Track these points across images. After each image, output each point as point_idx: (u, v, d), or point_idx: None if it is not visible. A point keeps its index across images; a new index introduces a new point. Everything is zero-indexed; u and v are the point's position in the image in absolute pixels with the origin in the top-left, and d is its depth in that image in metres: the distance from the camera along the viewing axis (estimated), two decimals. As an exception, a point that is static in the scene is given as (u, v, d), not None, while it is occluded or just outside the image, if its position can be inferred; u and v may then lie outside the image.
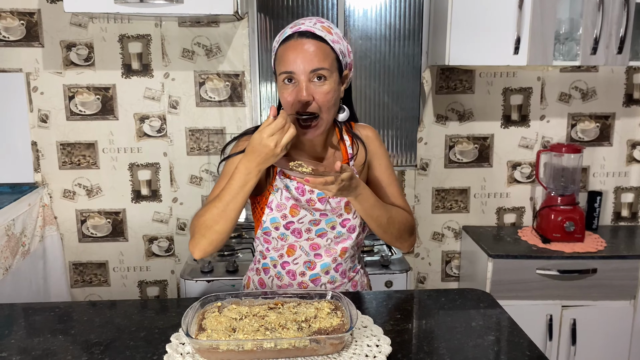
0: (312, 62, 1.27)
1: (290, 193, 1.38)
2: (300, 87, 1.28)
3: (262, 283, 1.49)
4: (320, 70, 1.27)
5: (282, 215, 1.38)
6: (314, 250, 1.42)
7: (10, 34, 2.42)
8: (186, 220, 2.64)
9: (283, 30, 1.34)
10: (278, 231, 1.39)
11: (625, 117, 2.65)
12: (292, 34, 1.30)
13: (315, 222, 1.39)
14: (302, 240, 1.41)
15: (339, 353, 1.12)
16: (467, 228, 2.69)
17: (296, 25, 1.31)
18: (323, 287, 1.43)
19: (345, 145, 1.45)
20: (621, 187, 2.72)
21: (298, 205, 1.38)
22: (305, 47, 1.27)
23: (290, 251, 1.42)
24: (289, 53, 1.28)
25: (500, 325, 1.30)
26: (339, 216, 1.41)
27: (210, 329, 1.13)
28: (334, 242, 1.42)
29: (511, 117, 2.63)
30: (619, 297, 2.34)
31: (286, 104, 1.30)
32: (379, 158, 1.47)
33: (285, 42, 1.30)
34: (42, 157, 2.53)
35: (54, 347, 1.19)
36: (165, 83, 2.50)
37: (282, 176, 1.40)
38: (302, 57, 1.27)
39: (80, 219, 2.61)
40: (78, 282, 2.68)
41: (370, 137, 1.47)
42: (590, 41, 2.19)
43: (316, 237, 1.41)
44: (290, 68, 1.27)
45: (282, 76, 1.29)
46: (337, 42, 1.32)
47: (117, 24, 2.44)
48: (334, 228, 1.41)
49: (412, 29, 2.49)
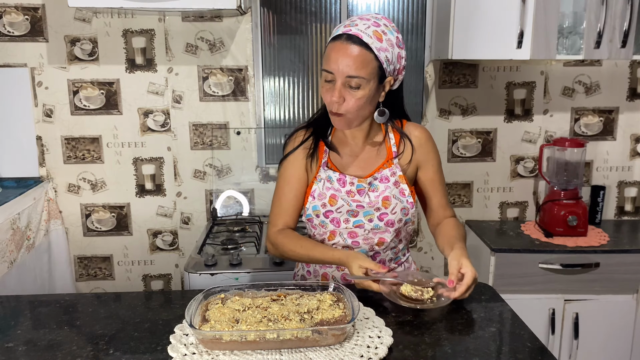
0: (350, 69, 1.30)
1: (331, 184, 1.45)
2: (335, 88, 1.33)
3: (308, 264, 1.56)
4: (356, 78, 1.31)
5: (322, 204, 1.45)
6: (352, 238, 1.47)
7: (15, 29, 2.43)
8: (190, 215, 2.65)
9: (339, 25, 1.37)
10: (318, 219, 1.47)
11: (629, 111, 2.65)
12: (342, 35, 1.32)
13: (353, 213, 1.45)
14: (341, 228, 1.47)
15: (340, 344, 1.13)
16: (470, 222, 2.69)
17: (350, 25, 1.33)
18: None
19: (390, 143, 1.49)
20: (624, 181, 2.72)
21: (337, 195, 1.44)
22: (348, 52, 1.30)
23: (332, 236, 1.49)
24: (333, 53, 1.32)
25: (501, 318, 1.31)
26: (376, 210, 1.45)
27: (213, 320, 1.15)
28: (372, 232, 1.46)
29: (514, 112, 2.63)
30: (621, 291, 2.34)
31: (324, 97, 1.38)
32: (431, 160, 1.52)
33: (334, 40, 1.34)
34: (47, 151, 2.55)
35: (59, 338, 1.20)
36: (168, 78, 2.51)
37: (326, 167, 1.47)
38: (342, 61, 1.30)
39: (85, 213, 2.63)
40: (83, 276, 2.70)
41: (421, 138, 1.51)
42: (594, 35, 2.18)
43: (354, 228, 1.46)
44: (331, 68, 1.33)
45: (324, 72, 1.35)
46: (385, 50, 1.33)
47: (121, 19, 2.45)
48: (371, 221, 1.45)
49: (415, 24, 2.49)
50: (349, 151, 1.49)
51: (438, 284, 1.33)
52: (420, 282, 1.31)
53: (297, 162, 1.49)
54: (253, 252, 2.22)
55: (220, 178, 2.61)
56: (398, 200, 1.45)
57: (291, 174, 1.49)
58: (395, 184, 1.46)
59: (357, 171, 1.48)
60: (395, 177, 1.46)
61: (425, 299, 1.25)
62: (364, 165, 1.48)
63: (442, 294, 1.29)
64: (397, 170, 1.47)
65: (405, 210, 1.46)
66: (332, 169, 1.47)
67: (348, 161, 1.49)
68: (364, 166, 1.48)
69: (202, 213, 2.66)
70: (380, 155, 1.49)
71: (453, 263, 1.32)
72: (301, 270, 1.61)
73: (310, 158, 1.48)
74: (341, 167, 1.48)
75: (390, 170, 1.46)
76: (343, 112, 1.35)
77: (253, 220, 2.60)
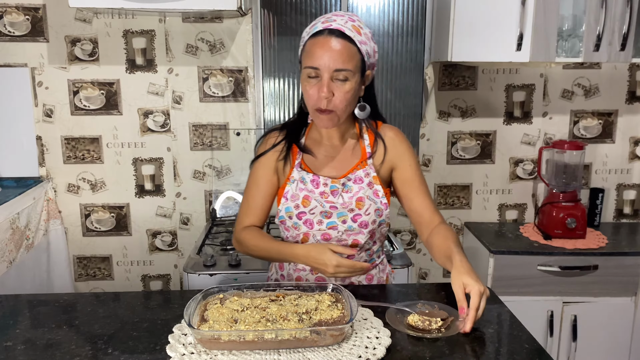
0: (337, 62, 1.30)
1: (305, 185, 1.44)
2: (322, 84, 1.32)
3: (282, 266, 1.55)
4: (344, 71, 1.31)
5: (295, 205, 1.44)
6: (326, 240, 1.45)
7: (16, 29, 2.43)
8: (189, 215, 2.65)
9: (314, 22, 1.36)
10: (291, 220, 1.45)
11: (628, 114, 2.65)
12: (323, 30, 1.32)
13: (326, 214, 1.43)
14: (314, 231, 1.44)
15: (339, 344, 1.13)
16: (469, 224, 2.70)
17: (328, 21, 1.33)
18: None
19: (364, 144, 1.48)
20: (623, 184, 2.73)
21: (310, 196, 1.43)
22: (333, 45, 1.30)
23: (305, 239, 1.46)
24: (317, 49, 1.31)
25: (500, 319, 1.31)
26: (350, 211, 1.43)
27: (212, 320, 1.15)
28: (346, 234, 1.45)
29: (514, 114, 2.64)
30: (620, 293, 2.34)
31: (307, 96, 1.36)
32: (407, 160, 1.49)
33: (314, 36, 1.33)
34: (47, 151, 2.55)
35: (58, 338, 1.21)
36: (169, 78, 2.52)
37: (299, 168, 1.45)
38: (328, 55, 1.30)
39: (85, 213, 2.63)
40: (82, 276, 2.70)
41: (395, 138, 1.50)
42: (593, 38, 2.19)
43: (327, 229, 1.44)
44: (316, 64, 1.31)
45: (307, 70, 1.33)
46: (365, 43, 1.35)
47: (122, 20, 2.45)
48: (345, 222, 1.43)
49: (415, 26, 2.49)
50: (324, 152, 1.48)
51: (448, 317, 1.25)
52: (430, 313, 1.26)
53: (267, 164, 1.48)
54: (252, 253, 2.22)
55: (219, 179, 2.62)
56: (372, 201, 1.43)
57: (260, 176, 1.49)
58: (369, 185, 1.44)
59: (331, 172, 1.46)
60: (369, 178, 1.45)
61: (433, 328, 1.20)
62: (338, 166, 1.47)
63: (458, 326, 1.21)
64: (371, 171, 1.46)
65: (379, 211, 1.44)
66: (306, 170, 1.46)
67: (322, 162, 1.47)
68: (338, 167, 1.47)
69: (201, 214, 2.66)
70: (354, 155, 1.48)
71: (456, 288, 1.24)
72: (275, 274, 1.58)
73: (282, 161, 1.47)
74: (315, 168, 1.47)
75: (364, 171, 1.45)
76: (332, 108, 1.34)
77: (252, 221, 2.60)
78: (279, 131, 1.51)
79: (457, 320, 1.23)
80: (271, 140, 1.50)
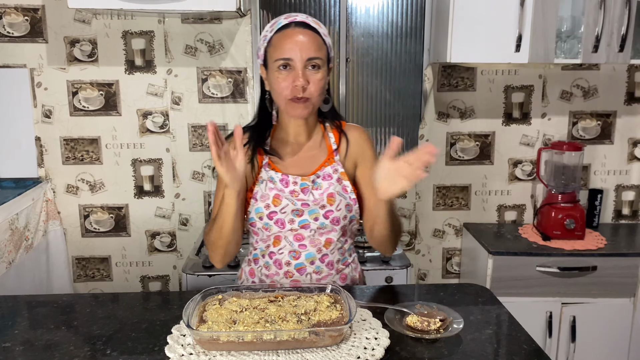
0: (309, 51, 1.34)
1: (274, 184, 1.43)
2: (296, 73, 1.34)
3: (252, 273, 1.51)
4: (316, 59, 1.35)
5: (266, 205, 1.41)
6: (298, 241, 1.43)
7: (15, 30, 2.44)
8: (188, 216, 2.65)
9: (275, 20, 1.40)
10: (262, 221, 1.42)
11: (627, 115, 2.66)
12: (289, 24, 1.36)
13: (298, 212, 1.41)
14: (285, 231, 1.42)
15: (337, 345, 1.13)
16: (467, 225, 2.70)
17: (291, 17, 1.38)
18: (309, 277, 1.44)
19: (330, 141, 1.49)
20: (622, 185, 2.73)
21: (281, 195, 1.41)
22: (303, 36, 1.34)
23: (276, 242, 1.44)
24: (287, 41, 1.34)
25: (498, 320, 1.31)
26: (321, 207, 1.42)
27: (211, 321, 1.15)
28: (318, 233, 1.43)
29: (512, 115, 2.64)
30: (618, 294, 2.35)
31: (280, 88, 1.36)
32: (368, 158, 1.49)
33: (281, 30, 1.36)
34: (46, 152, 2.55)
35: (56, 339, 1.21)
36: (168, 79, 2.52)
37: (267, 168, 1.44)
38: (300, 45, 1.33)
39: (84, 214, 2.63)
40: (81, 277, 2.70)
41: (358, 136, 1.51)
42: (592, 39, 2.19)
43: (300, 229, 1.42)
44: (288, 55, 1.33)
45: (277, 62, 1.34)
46: (327, 36, 1.41)
47: (121, 20, 2.45)
48: (317, 219, 1.42)
49: (414, 27, 2.50)
50: (290, 151, 1.47)
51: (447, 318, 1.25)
52: (428, 314, 1.26)
53: None
54: (251, 254, 2.22)
55: (218, 180, 2.62)
56: (342, 196, 1.43)
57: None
58: (338, 181, 1.45)
59: (300, 170, 1.45)
60: (338, 174, 1.45)
61: (432, 329, 1.21)
62: (306, 164, 1.46)
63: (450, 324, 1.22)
64: (338, 167, 1.46)
65: (349, 206, 1.44)
66: (274, 170, 1.45)
67: (289, 161, 1.46)
68: (305, 165, 1.46)
69: (200, 214, 2.66)
70: (321, 153, 1.48)
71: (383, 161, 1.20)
72: (245, 282, 1.55)
73: (250, 163, 1.44)
74: (283, 167, 1.46)
75: (332, 167, 1.46)
76: (308, 96, 1.35)
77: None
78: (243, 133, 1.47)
79: (455, 321, 1.24)
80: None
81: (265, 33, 1.40)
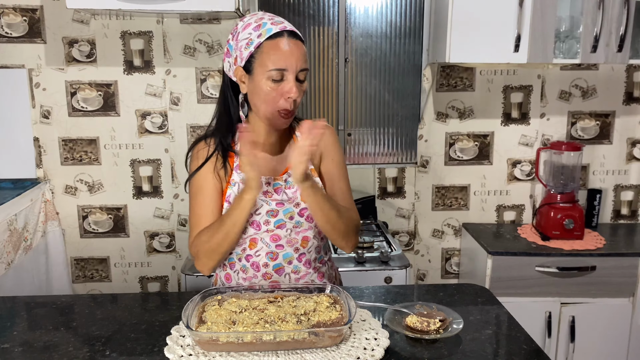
0: (302, 62, 1.34)
1: None
2: (290, 85, 1.32)
3: (229, 277, 1.48)
4: (306, 70, 1.36)
5: None
6: (275, 242, 1.42)
7: (13, 30, 2.43)
8: (187, 217, 2.64)
9: (257, 24, 1.34)
10: None
11: (625, 115, 2.66)
12: (281, 32, 1.32)
13: (272, 213, 1.40)
14: (262, 233, 1.41)
15: (337, 346, 1.13)
16: (467, 225, 2.70)
17: (278, 23, 1.34)
18: (287, 277, 1.43)
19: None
20: (621, 185, 2.73)
21: None
22: (296, 47, 1.33)
23: (252, 244, 1.42)
24: (282, 51, 1.31)
25: (498, 320, 1.31)
26: (296, 205, 1.41)
27: (210, 322, 1.15)
28: (294, 232, 1.42)
29: (511, 115, 2.64)
30: (617, 294, 2.35)
31: (270, 99, 1.34)
32: (331, 153, 1.49)
33: (274, 38, 1.32)
34: (44, 153, 2.54)
35: (55, 340, 1.20)
36: (166, 80, 2.51)
37: (239, 170, 1.42)
38: (295, 56, 1.32)
39: (82, 215, 2.63)
40: (79, 278, 2.69)
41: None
42: (591, 39, 2.19)
43: (276, 229, 1.41)
44: (283, 65, 1.31)
45: (271, 72, 1.31)
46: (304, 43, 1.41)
47: (119, 21, 2.45)
48: (292, 218, 1.41)
49: (412, 27, 2.49)
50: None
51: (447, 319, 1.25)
52: (428, 314, 1.26)
53: (207, 176, 1.43)
54: (250, 254, 2.22)
55: (217, 180, 2.61)
56: None
57: (202, 184, 1.43)
58: None
59: (271, 170, 1.44)
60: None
61: (431, 330, 1.21)
62: (276, 165, 1.45)
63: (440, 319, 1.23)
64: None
65: None
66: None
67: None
68: (276, 165, 1.45)
69: (199, 215, 2.65)
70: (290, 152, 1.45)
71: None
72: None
73: (222, 169, 1.43)
74: None
75: None
76: (294, 108, 1.36)
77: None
78: (205, 141, 1.46)
79: (455, 321, 1.24)
80: (202, 152, 1.44)
81: (248, 35, 1.34)
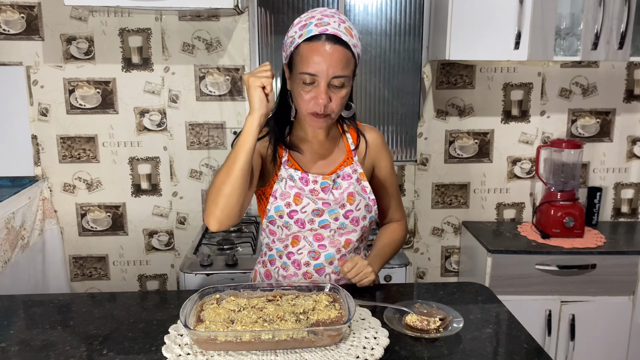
0: (336, 69, 1.28)
1: (294, 182, 1.40)
2: (320, 90, 1.29)
3: (269, 274, 1.49)
4: (342, 77, 1.29)
5: (286, 203, 1.39)
6: (318, 241, 1.42)
7: (11, 28, 2.42)
8: (186, 215, 2.64)
9: (304, 23, 1.31)
10: (282, 219, 1.39)
11: (626, 113, 2.65)
12: (320, 35, 1.28)
13: (318, 212, 1.40)
14: (305, 231, 1.41)
15: (336, 345, 1.12)
16: (466, 223, 2.69)
17: (322, 25, 1.29)
18: (327, 277, 1.43)
19: (348, 141, 1.48)
20: (621, 183, 2.72)
21: (301, 193, 1.40)
22: (332, 53, 1.27)
23: (295, 242, 1.42)
24: (314, 55, 1.27)
25: (498, 319, 1.30)
26: (341, 207, 1.41)
27: (208, 321, 1.14)
28: (338, 233, 1.42)
29: (511, 113, 2.63)
30: (618, 292, 2.34)
31: (302, 101, 1.32)
32: (384, 161, 1.52)
33: (310, 41, 1.28)
34: (42, 150, 2.53)
35: (52, 338, 1.20)
36: (165, 77, 2.50)
37: (286, 166, 1.42)
38: (328, 63, 1.27)
39: (80, 213, 2.62)
40: (78, 276, 2.69)
41: (377, 139, 1.51)
42: (591, 36, 2.18)
43: (319, 228, 1.41)
44: (313, 70, 1.27)
45: (302, 76, 1.29)
46: (357, 46, 1.33)
47: (118, 18, 2.44)
48: (337, 219, 1.41)
49: (412, 24, 2.48)
50: (310, 149, 1.45)
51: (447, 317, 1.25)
52: (428, 313, 1.25)
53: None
54: (249, 252, 2.21)
55: (216, 178, 2.60)
56: (361, 197, 1.43)
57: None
58: (357, 181, 1.44)
59: (319, 169, 1.44)
60: (357, 175, 1.45)
61: (432, 328, 1.20)
62: (325, 163, 1.45)
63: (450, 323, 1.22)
64: (357, 167, 1.46)
65: (369, 207, 1.44)
66: (294, 168, 1.42)
67: (309, 159, 1.45)
68: (325, 164, 1.45)
69: (198, 213, 2.65)
70: (340, 152, 1.47)
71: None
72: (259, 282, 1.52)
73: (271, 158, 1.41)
74: (302, 165, 1.44)
75: (352, 167, 1.45)
76: (329, 112, 1.32)
77: (249, 220, 2.59)
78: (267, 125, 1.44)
79: (455, 320, 1.23)
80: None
81: (293, 34, 1.33)
